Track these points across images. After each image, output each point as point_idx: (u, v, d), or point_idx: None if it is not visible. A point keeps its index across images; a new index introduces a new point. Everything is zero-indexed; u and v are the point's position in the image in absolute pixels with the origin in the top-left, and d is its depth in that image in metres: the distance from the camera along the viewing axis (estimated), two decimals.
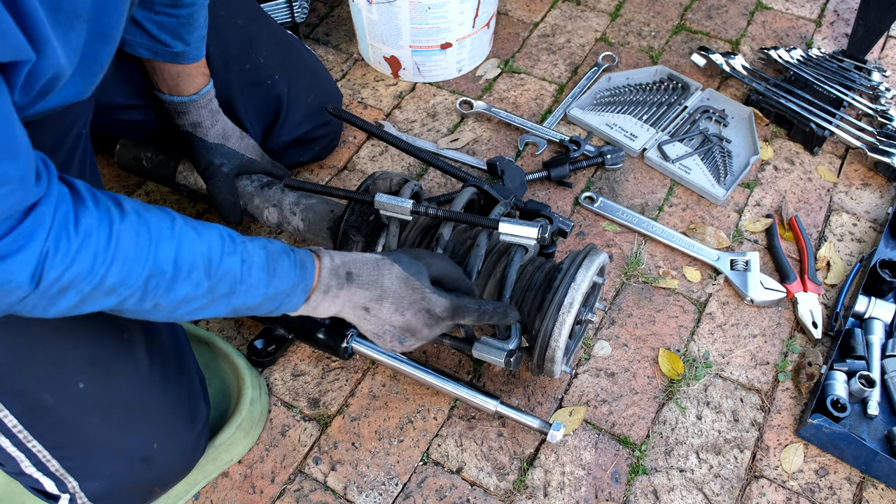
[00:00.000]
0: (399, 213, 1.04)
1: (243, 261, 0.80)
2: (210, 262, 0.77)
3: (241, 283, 0.80)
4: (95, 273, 0.69)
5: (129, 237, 0.71)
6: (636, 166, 1.50)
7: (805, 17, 1.83)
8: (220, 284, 0.79)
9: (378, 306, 0.90)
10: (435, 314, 0.92)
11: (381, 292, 0.90)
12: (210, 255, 0.77)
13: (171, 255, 0.74)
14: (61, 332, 0.86)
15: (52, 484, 0.90)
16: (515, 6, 1.85)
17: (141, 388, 0.92)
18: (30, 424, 0.86)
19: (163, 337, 0.98)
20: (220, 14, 1.20)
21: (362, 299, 0.89)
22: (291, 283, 0.85)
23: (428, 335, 0.94)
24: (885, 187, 1.48)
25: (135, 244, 0.71)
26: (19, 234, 0.64)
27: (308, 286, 0.86)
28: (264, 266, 0.83)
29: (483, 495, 1.08)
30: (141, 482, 0.95)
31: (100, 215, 0.70)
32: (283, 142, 1.32)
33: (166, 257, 0.74)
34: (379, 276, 0.90)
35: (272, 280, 0.83)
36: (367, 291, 0.89)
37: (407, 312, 0.91)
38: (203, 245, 0.77)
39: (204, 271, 0.77)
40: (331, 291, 0.88)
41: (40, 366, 0.85)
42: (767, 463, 1.12)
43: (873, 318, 1.25)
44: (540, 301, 1.03)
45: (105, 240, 0.69)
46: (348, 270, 0.89)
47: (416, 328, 0.92)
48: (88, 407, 0.88)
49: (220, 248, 0.79)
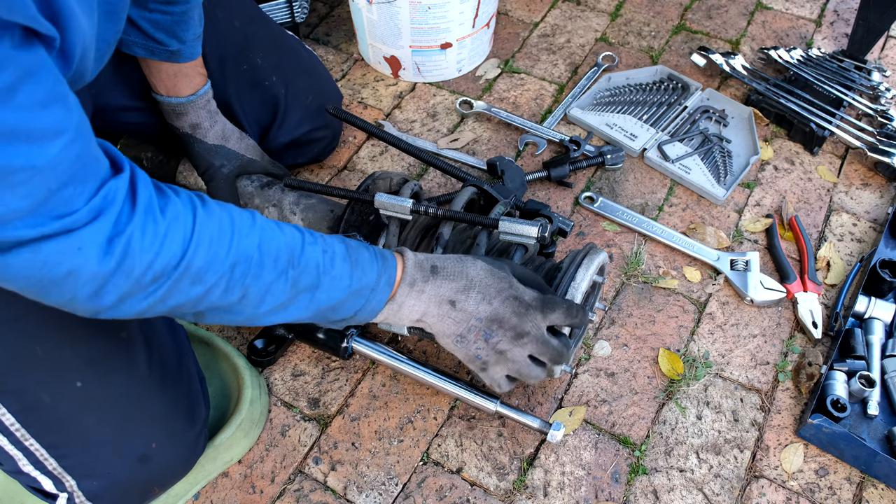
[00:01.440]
0: (399, 212, 1.04)
1: (324, 251, 0.80)
2: (293, 251, 0.78)
3: (324, 273, 0.80)
4: (185, 257, 0.69)
5: (213, 224, 0.72)
6: (636, 166, 1.50)
7: (805, 17, 1.83)
8: (304, 275, 0.79)
9: (465, 297, 0.88)
10: (524, 301, 0.90)
11: (467, 282, 0.88)
12: (292, 244, 0.78)
13: (255, 241, 0.75)
14: (59, 331, 0.86)
15: (50, 483, 0.90)
16: (515, 6, 1.85)
17: (139, 387, 0.92)
18: (27, 423, 0.86)
19: (162, 336, 0.98)
20: (216, 15, 1.20)
21: (448, 291, 0.87)
22: (375, 273, 0.84)
23: (516, 325, 0.90)
24: (885, 187, 1.48)
25: (219, 231, 0.73)
26: (92, 207, 0.64)
27: (392, 278, 0.85)
28: (346, 256, 0.82)
29: (483, 495, 1.08)
30: (139, 481, 0.95)
31: (183, 203, 0.71)
32: (280, 143, 1.32)
33: (251, 244, 0.75)
34: (464, 268, 0.89)
35: (355, 271, 0.82)
36: (454, 282, 0.88)
37: (495, 301, 0.88)
38: (285, 236, 0.78)
39: (288, 260, 0.77)
40: (416, 285, 0.86)
41: (37, 364, 0.85)
42: (767, 463, 1.12)
43: (873, 318, 1.25)
44: None
45: (191, 224, 0.70)
46: (433, 264, 0.89)
47: (504, 317, 0.89)
48: (86, 406, 0.88)
49: (300, 240, 0.80)
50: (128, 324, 0.92)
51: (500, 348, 0.91)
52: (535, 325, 0.91)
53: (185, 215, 0.71)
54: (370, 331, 1.25)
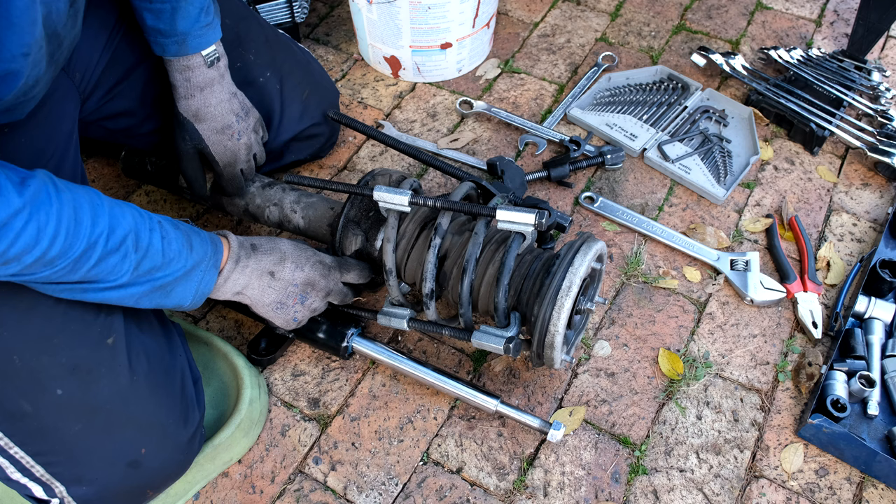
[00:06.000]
0: (397, 204, 1.04)
1: (163, 237, 0.88)
2: (138, 235, 0.84)
3: (165, 256, 0.88)
4: (39, 245, 0.74)
5: (69, 211, 0.77)
6: (636, 166, 1.50)
7: (805, 17, 1.83)
8: (146, 259, 0.85)
9: (281, 267, 1.03)
10: (326, 264, 1.09)
11: (281, 255, 1.04)
12: (138, 229, 0.84)
13: (105, 225, 0.80)
14: (37, 341, 0.86)
15: (41, 489, 0.90)
16: (515, 6, 1.85)
17: (125, 393, 0.92)
18: (10, 432, 0.86)
19: (151, 339, 0.98)
20: None
21: (268, 264, 1.02)
22: (208, 253, 0.93)
23: (325, 286, 1.08)
24: (885, 187, 1.48)
25: (74, 220, 0.77)
26: None
27: (219, 257, 0.96)
28: (182, 240, 0.90)
29: (483, 495, 1.08)
30: (130, 486, 0.95)
31: (39, 188, 0.75)
32: (282, 140, 1.32)
33: (101, 229, 0.80)
34: (276, 244, 1.05)
35: (190, 253, 0.91)
36: (271, 256, 1.03)
37: (306, 266, 1.06)
38: (129, 220, 0.84)
39: (133, 244, 0.84)
40: (241, 261, 0.99)
41: (16, 373, 0.85)
42: (767, 463, 1.12)
43: (873, 318, 1.25)
44: (538, 287, 1.03)
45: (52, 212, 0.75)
46: (252, 243, 1.03)
47: (314, 280, 1.07)
48: (70, 413, 0.88)
49: (144, 224, 0.86)
50: (115, 329, 0.92)
51: (313, 307, 1.10)
52: (336, 281, 1.10)
53: (45, 202, 0.74)
54: (370, 330, 1.25)
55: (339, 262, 1.11)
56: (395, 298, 1.12)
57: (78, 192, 0.79)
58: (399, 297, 1.11)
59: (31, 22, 0.73)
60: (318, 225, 1.19)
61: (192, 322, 1.26)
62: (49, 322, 0.87)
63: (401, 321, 1.11)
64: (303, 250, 1.07)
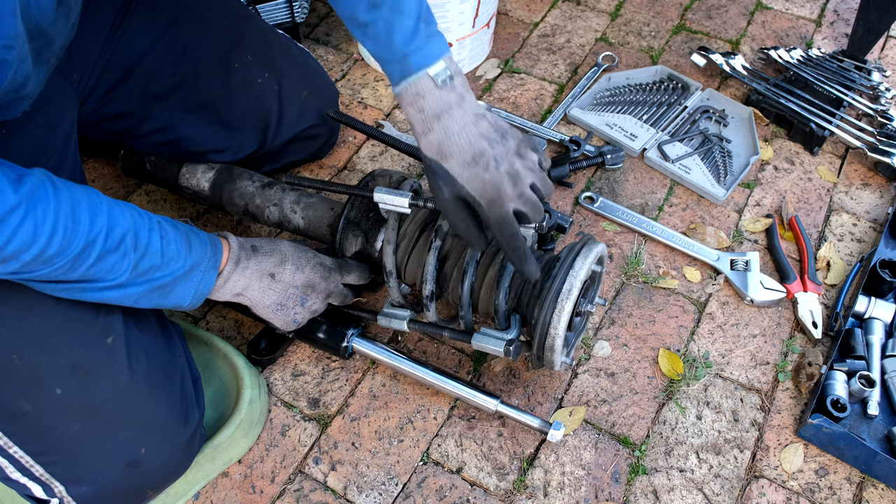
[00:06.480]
0: (398, 205, 1.04)
1: (163, 237, 0.88)
2: (137, 235, 0.84)
3: (164, 256, 0.88)
4: (37, 243, 0.75)
5: (66, 210, 0.77)
6: (636, 166, 1.50)
7: (805, 17, 1.83)
8: (145, 259, 0.85)
9: (282, 269, 1.03)
10: (327, 266, 1.09)
11: (282, 256, 1.04)
12: (137, 229, 0.84)
13: (104, 224, 0.80)
14: (36, 340, 0.86)
15: (40, 489, 0.90)
16: (515, 6, 1.85)
17: (124, 392, 0.92)
18: (10, 431, 0.86)
19: (151, 339, 0.98)
20: (206, 14, 1.20)
21: (268, 265, 1.02)
22: (207, 254, 0.94)
23: (325, 288, 1.08)
24: (885, 187, 1.48)
25: (73, 218, 0.77)
26: None
27: (219, 257, 0.96)
28: (181, 240, 0.91)
29: (483, 495, 1.08)
30: (130, 486, 0.95)
31: (36, 186, 0.75)
32: (282, 140, 1.32)
33: (100, 228, 0.80)
34: (276, 245, 1.05)
35: (189, 253, 0.91)
36: (271, 257, 1.03)
37: (306, 268, 1.06)
38: (128, 220, 0.84)
39: (132, 244, 0.84)
40: (241, 262, 0.99)
41: (15, 372, 0.85)
42: (767, 463, 1.12)
43: (873, 318, 1.25)
44: (539, 290, 1.03)
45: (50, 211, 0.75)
46: (252, 244, 1.03)
47: (314, 282, 1.07)
48: (68, 413, 0.88)
49: (143, 224, 0.86)
50: (114, 329, 0.92)
51: (313, 309, 1.10)
52: (336, 283, 1.10)
53: (43, 200, 0.75)
54: (370, 330, 1.25)
55: (339, 263, 1.11)
56: (395, 300, 1.12)
57: (76, 190, 0.79)
58: (399, 298, 1.11)
59: (10, 12, 0.72)
60: (318, 225, 1.19)
61: (191, 322, 1.26)
62: (48, 321, 0.87)
63: (401, 322, 1.11)
64: (303, 252, 1.07)
